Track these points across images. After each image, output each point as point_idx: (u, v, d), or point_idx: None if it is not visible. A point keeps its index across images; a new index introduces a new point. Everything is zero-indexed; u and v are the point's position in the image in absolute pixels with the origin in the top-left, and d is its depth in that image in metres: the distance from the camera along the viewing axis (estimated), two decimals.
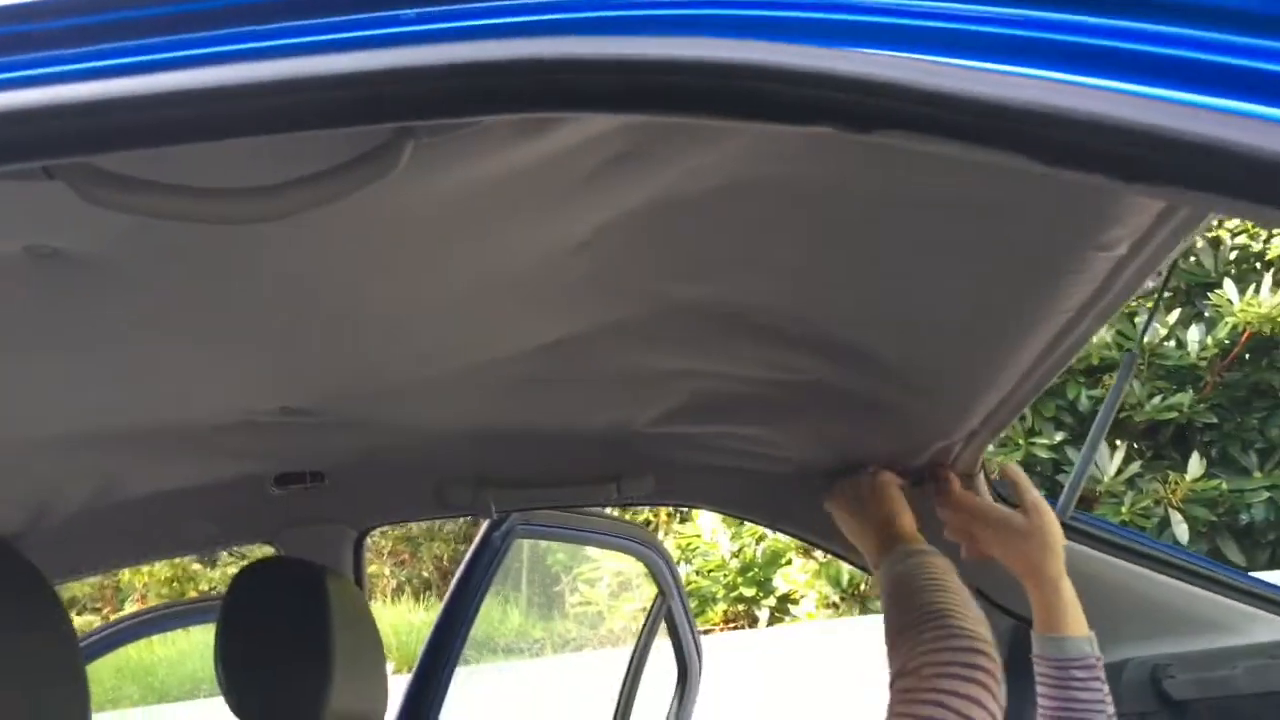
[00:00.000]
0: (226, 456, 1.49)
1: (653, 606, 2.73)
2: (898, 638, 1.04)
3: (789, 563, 7.94)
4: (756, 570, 8.27)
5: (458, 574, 1.97)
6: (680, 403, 1.39)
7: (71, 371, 1.06)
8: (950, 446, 1.44)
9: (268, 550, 1.67)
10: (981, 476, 1.58)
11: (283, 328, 1.01)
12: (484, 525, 1.93)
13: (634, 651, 2.74)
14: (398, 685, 1.65)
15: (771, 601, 8.24)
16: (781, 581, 8.11)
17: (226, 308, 0.95)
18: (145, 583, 10.58)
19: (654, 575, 2.64)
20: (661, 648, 2.70)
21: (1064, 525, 1.64)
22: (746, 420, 1.43)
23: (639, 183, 0.77)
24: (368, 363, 1.15)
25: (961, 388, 1.23)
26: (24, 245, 0.77)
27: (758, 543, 8.21)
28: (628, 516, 8.08)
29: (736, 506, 1.83)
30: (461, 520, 10.51)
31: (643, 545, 2.49)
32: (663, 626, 2.65)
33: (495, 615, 9.70)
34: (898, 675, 0.98)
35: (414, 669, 1.92)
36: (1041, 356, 1.10)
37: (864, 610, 7.13)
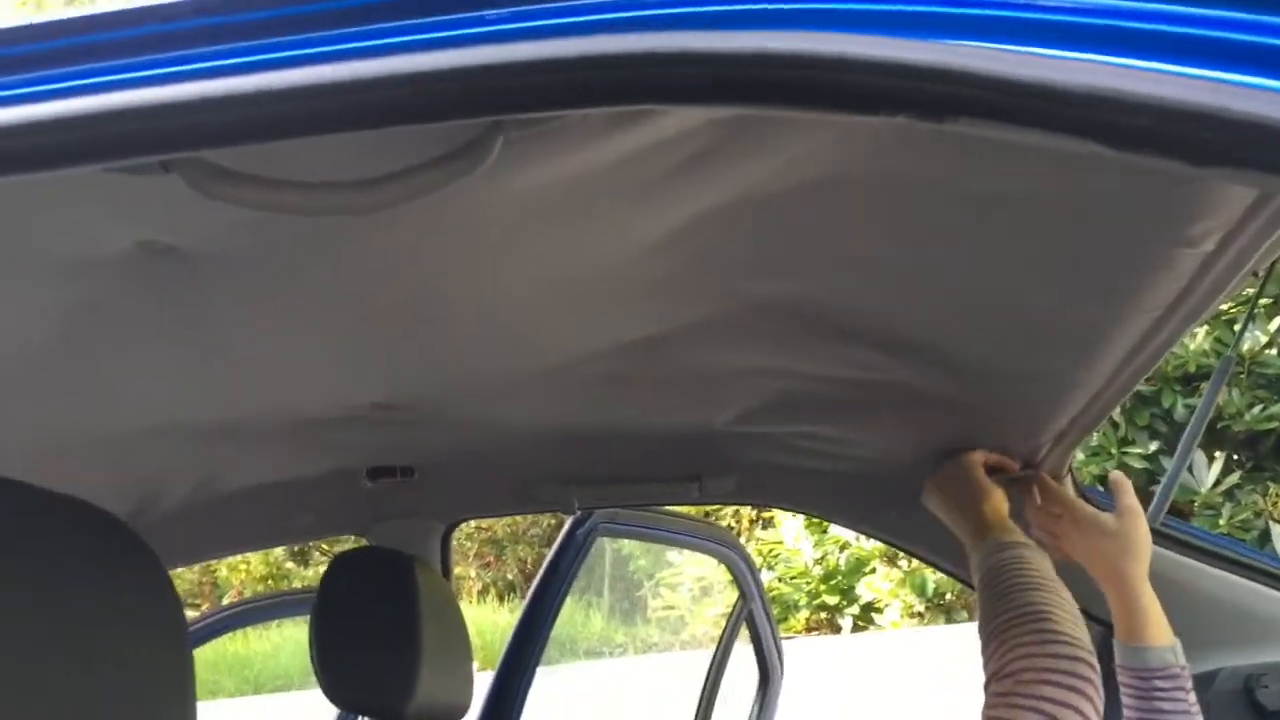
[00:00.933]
0: (322, 450, 1.54)
1: (734, 609, 2.74)
2: (994, 636, 1.01)
3: (873, 571, 7.85)
4: (840, 578, 8.20)
5: (541, 571, 2.00)
6: (762, 402, 1.40)
7: (176, 364, 1.12)
8: (1037, 447, 1.43)
9: (361, 543, 1.73)
10: (1069, 479, 1.55)
11: (376, 323, 1.05)
12: (568, 523, 1.97)
13: (715, 654, 2.75)
14: (482, 682, 1.68)
15: (855, 610, 8.15)
16: (865, 590, 8.02)
17: (323, 303, 0.99)
18: (241, 579, 10.91)
19: (735, 578, 2.64)
20: (744, 651, 2.70)
21: (1155, 532, 1.62)
22: (828, 420, 1.44)
23: (722, 179, 0.79)
24: (457, 359, 1.19)
25: (1046, 389, 1.22)
26: (135, 240, 0.81)
27: (841, 550, 8.14)
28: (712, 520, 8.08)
29: (819, 508, 1.84)
30: (546, 524, 10.62)
31: (725, 547, 2.50)
32: (745, 631, 2.66)
33: (578, 618, 9.77)
34: (994, 677, 0.96)
35: (498, 666, 1.96)
36: (1129, 358, 1.09)
37: (949, 620, 7.01)
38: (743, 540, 9.34)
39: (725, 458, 1.60)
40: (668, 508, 2.15)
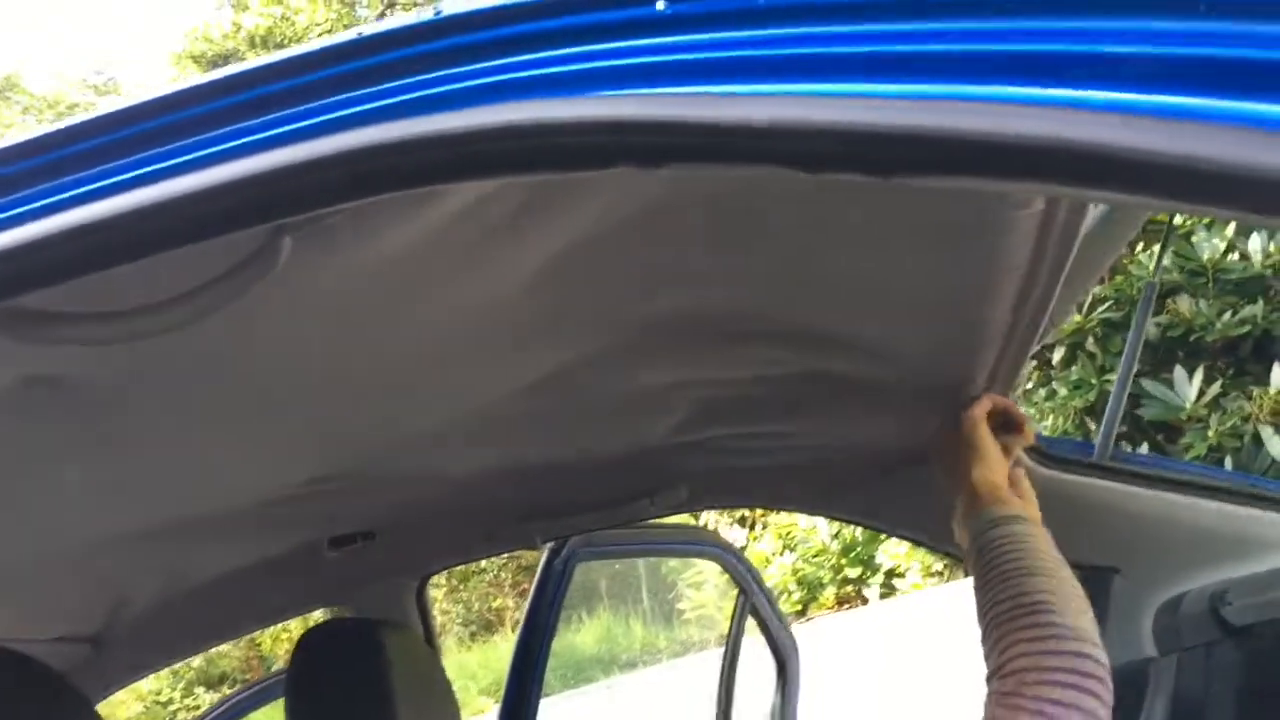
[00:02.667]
0: (278, 529, 1.56)
1: (736, 605, 2.75)
2: (992, 628, 0.95)
3: (887, 538, 7.87)
4: (858, 549, 8.22)
5: (527, 605, 2.02)
6: (691, 413, 1.42)
7: (101, 478, 1.13)
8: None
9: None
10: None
11: (279, 406, 1.07)
12: (544, 555, 1.98)
13: (725, 652, 2.77)
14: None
15: (878, 578, 8.17)
16: (884, 557, 8.04)
17: (221, 398, 1.01)
18: (285, 650, 10.89)
19: (730, 574, 2.66)
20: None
21: (1105, 468, 1.64)
22: (760, 419, 1.46)
23: (554, 225, 0.81)
24: (374, 422, 1.20)
25: (949, 355, 1.24)
26: (17, 377, 0.83)
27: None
28: (716, 519, 8.10)
29: (779, 500, 1.86)
30: None
31: (709, 547, 2.52)
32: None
33: (618, 631, 9.78)
34: (996, 674, 0.90)
35: (501, 707, 1.98)
36: (1016, 313, 1.11)
37: (967, 574, 7.04)
38: (757, 528, 9.37)
39: (672, 470, 1.62)
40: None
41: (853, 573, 8.24)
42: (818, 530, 8.32)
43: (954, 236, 0.92)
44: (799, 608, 8.45)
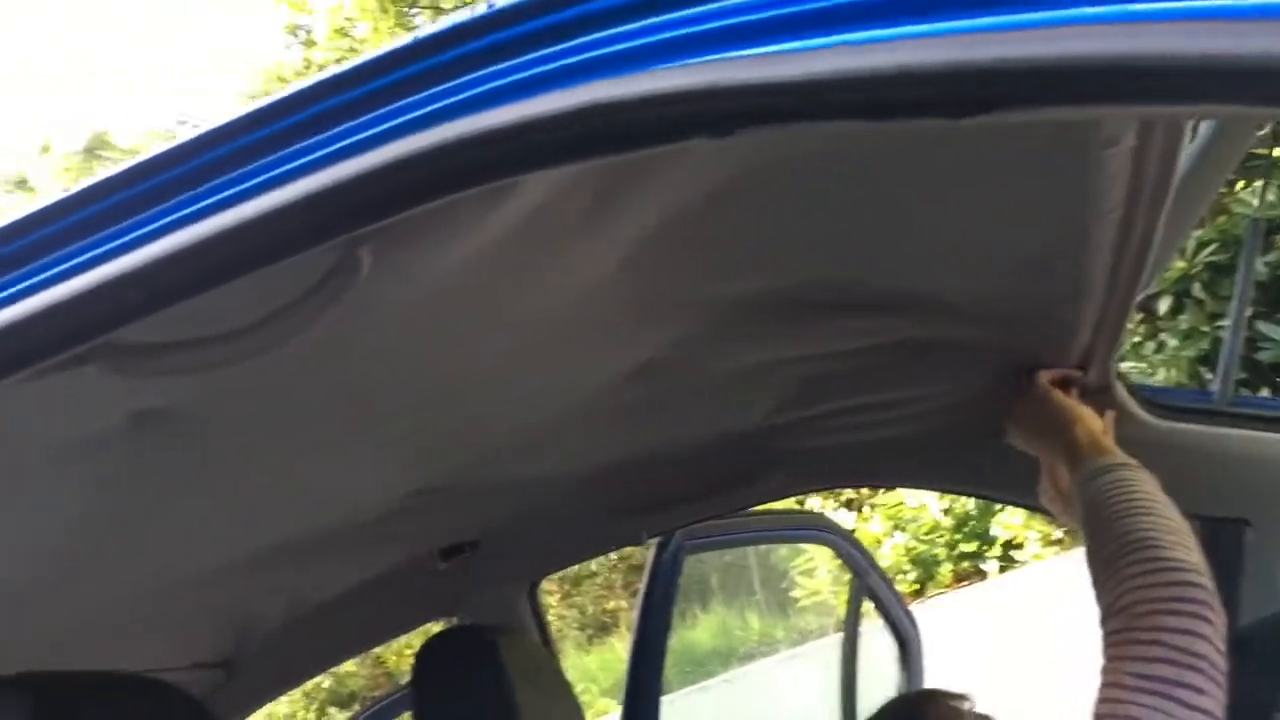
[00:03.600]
0: (389, 544, 1.59)
1: (851, 589, 2.72)
2: (1101, 572, 0.96)
3: (1002, 509, 7.69)
4: (972, 523, 8.05)
5: (639, 603, 2.02)
6: (784, 393, 1.40)
7: (216, 505, 1.16)
8: (1073, 364, 1.40)
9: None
10: (1120, 386, 1.52)
11: (381, 419, 1.09)
12: (651, 551, 1.98)
13: (845, 636, 2.74)
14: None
15: (996, 551, 7.99)
16: (1000, 529, 7.86)
17: (319, 416, 1.03)
18: (411, 665, 11.10)
19: (842, 558, 2.63)
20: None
21: (1226, 415, 1.57)
22: (854, 393, 1.43)
23: (632, 211, 0.80)
24: (472, 429, 1.21)
25: (1050, 310, 1.20)
26: (125, 413, 0.86)
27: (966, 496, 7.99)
28: (821, 503, 8.01)
29: (880, 477, 1.83)
30: None
31: (818, 531, 2.49)
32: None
33: (734, 624, 9.76)
34: (1109, 613, 0.92)
35: (622, 706, 1.98)
36: (1115, 257, 1.06)
37: None
38: (865, 509, 9.23)
39: (771, 453, 1.60)
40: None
41: (968, 548, 8.07)
42: (928, 507, 8.18)
43: (1043, 184, 0.88)
44: (915, 588, 8.31)
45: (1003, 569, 7.97)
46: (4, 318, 0.55)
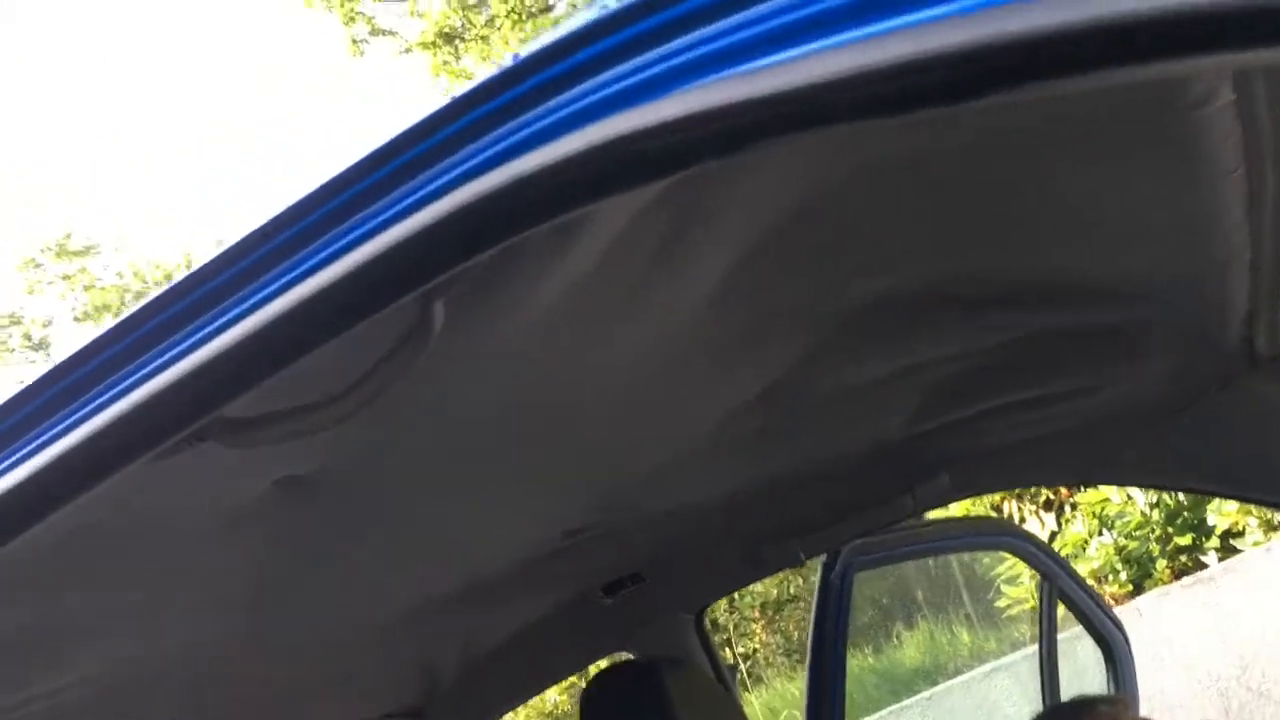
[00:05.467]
0: (553, 584, 1.62)
1: (1040, 594, 2.59)
2: None
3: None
4: (1186, 514, 7.51)
5: (811, 626, 1.98)
6: (930, 396, 1.35)
7: (388, 554, 1.21)
8: (1238, 336, 1.30)
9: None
10: None
11: (512, 466, 1.11)
12: (818, 572, 1.94)
13: (1040, 643, 2.61)
14: None
15: (1214, 542, 7.43)
16: (1216, 517, 7.31)
17: (459, 465, 1.06)
18: (580, 702, 11.20)
19: (1028, 562, 2.51)
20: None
21: None
22: (1002, 390, 1.37)
23: (720, 231, 0.80)
24: (603, 467, 1.23)
25: (1196, 282, 1.12)
26: (270, 481, 0.91)
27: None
28: (1018, 506, 7.68)
29: (1052, 474, 1.74)
30: None
31: (998, 536, 2.39)
32: None
33: (941, 639, 9.46)
34: None
35: None
36: (1253, 219, 0.99)
37: None
38: (1065, 509, 8.77)
39: (929, 460, 1.55)
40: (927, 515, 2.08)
41: (1184, 541, 7.53)
42: (1134, 501, 7.69)
43: (1157, 153, 0.83)
44: (1130, 588, 7.83)
45: (1223, 559, 7.41)
46: (118, 410, 0.60)
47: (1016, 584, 8.54)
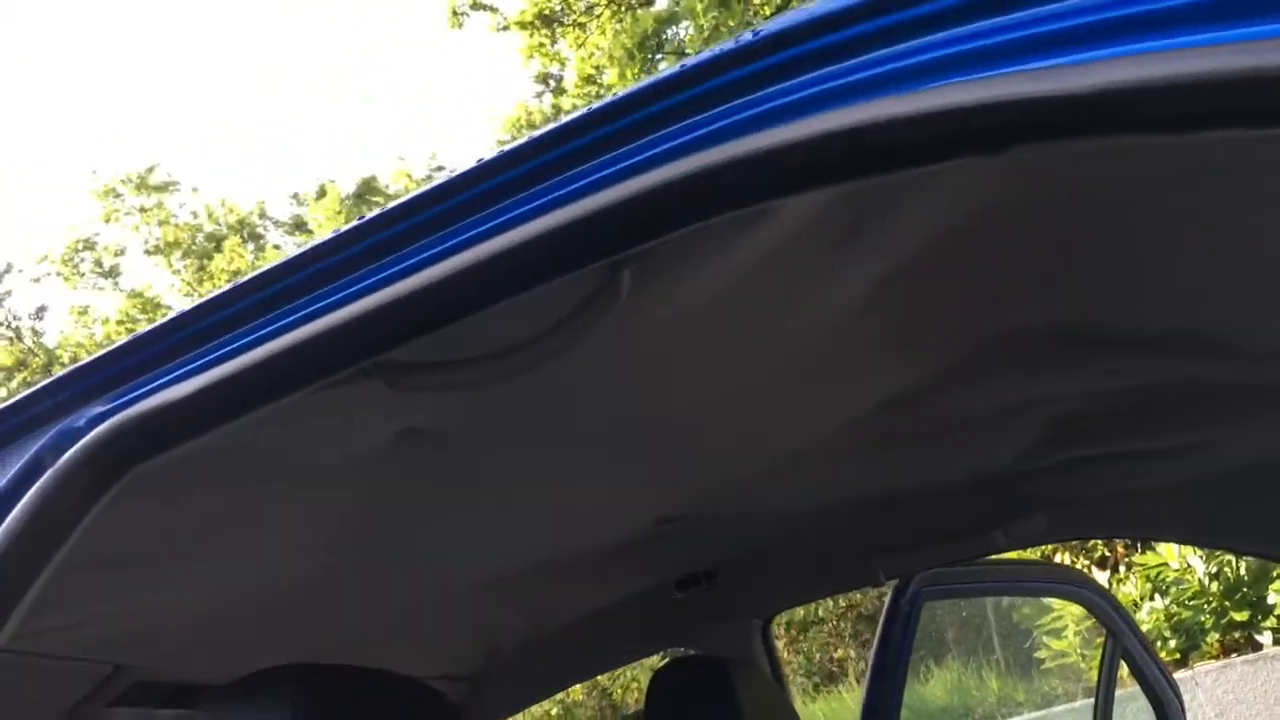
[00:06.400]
0: (628, 572, 1.61)
1: (1104, 650, 2.53)
2: None
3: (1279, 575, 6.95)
4: (1245, 590, 7.30)
5: (874, 649, 1.95)
6: (1042, 433, 1.32)
7: (483, 521, 1.22)
8: None
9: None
10: None
11: (636, 446, 1.11)
12: (889, 595, 1.91)
13: (1095, 700, 2.55)
14: None
15: (1272, 623, 7.21)
16: (1277, 598, 7.09)
17: (574, 440, 1.06)
18: (635, 699, 11.26)
19: (1098, 617, 2.45)
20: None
21: None
22: (1122, 437, 1.33)
23: (893, 236, 0.78)
24: (712, 459, 1.22)
25: None
26: (396, 430, 0.91)
27: (1239, 558, 7.27)
28: (1071, 559, 7.52)
29: (1158, 529, 1.69)
30: None
31: (1074, 586, 2.33)
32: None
33: (970, 684, 9.31)
34: None
35: None
36: None
37: None
38: (1120, 568, 8.59)
39: (1028, 498, 1.51)
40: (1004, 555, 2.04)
41: (1240, 616, 7.32)
42: (1194, 570, 7.49)
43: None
44: (1177, 656, 7.63)
45: (1278, 641, 7.19)
46: (302, 334, 0.59)
47: (1060, 637, 8.38)
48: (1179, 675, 6.58)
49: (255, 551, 1.03)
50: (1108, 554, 8.36)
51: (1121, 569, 8.55)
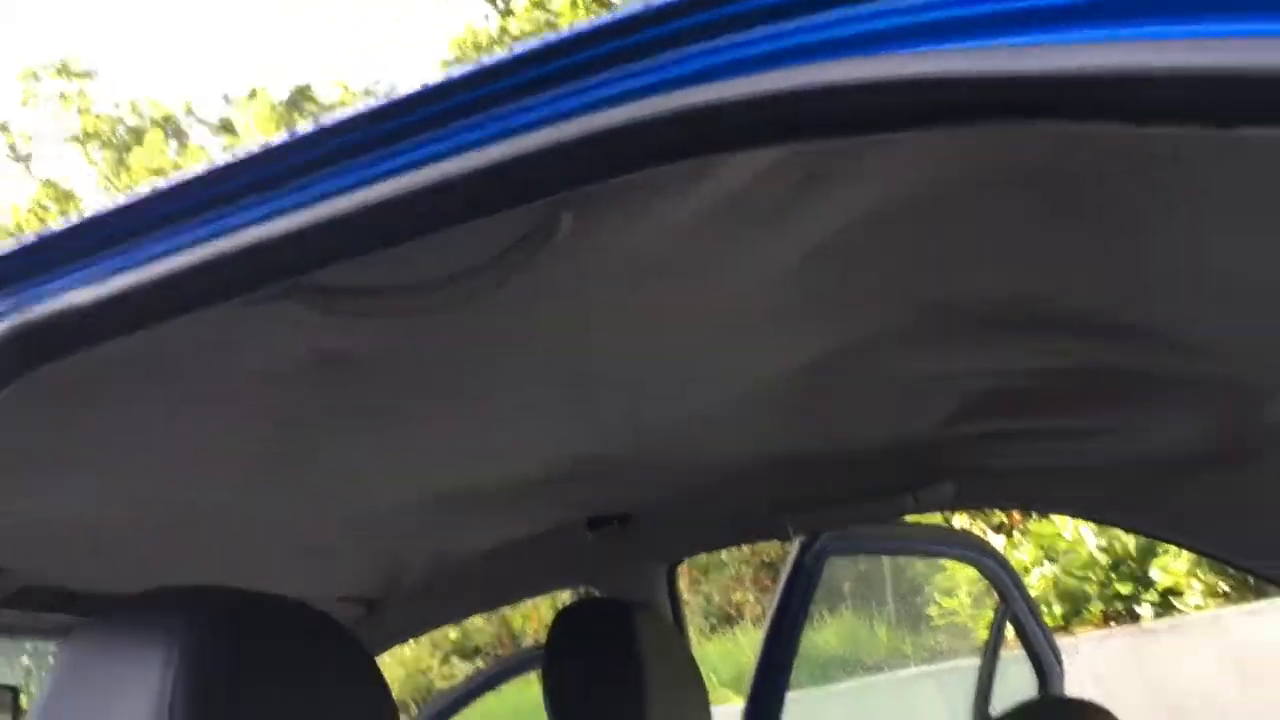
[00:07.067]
0: (540, 508, 1.60)
1: (996, 614, 2.62)
2: None
3: (1165, 552, 7.27)
4: (1131, 564, 7.63)
5: (775, 600, 1.98)
6: (959, 405, 1.34)
7: (393, 447, 1.20)
8: None
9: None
10: None
11: (558, 383, 1.10)
12: (794, 548, 1.94)
13: (982, 661, 2.64)
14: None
15: (1153, 596, 7.56)
16: (1160, 573, 7.43)
17: (494, 374, 1.04)
18: (535, 628, 11.40)
19: (991, 581, 2.53)
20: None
21: None
22: (1036, 415, 1.36)
23: (835, 201, 0.77)
24: (644, 404, 1.21)
25: (1274, 343, 1.10)
26: (312, 349, 0.88)
27: (1128, 534, 7.58)
28: (969, 523, 7.74)
29: (1056, 504, 1.73)
30: None
31: (970, 550, 2.40)
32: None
33: (862, 633, 9.60)
34: None
35: (746, 700, 1.95)
36: None
37: (1259, 595, 6.38)
38: (1016, 534, 8.89)
39: (939, 465, 1.54)
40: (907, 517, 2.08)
41: (1123, 589, 7.65)
42: (1084, 541, 7.80)
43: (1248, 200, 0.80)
44: (1061, 622, 7.96)
45: (1158, 615, 7.54)
46: (221, 247, 0.56)
47: (952, 596, 8.67)
48: (1061, 641, 6.86)
49: (154, 467, 1.00)
50: (1005, 520, 8.65)
51: (1016, 534, 8.85)
